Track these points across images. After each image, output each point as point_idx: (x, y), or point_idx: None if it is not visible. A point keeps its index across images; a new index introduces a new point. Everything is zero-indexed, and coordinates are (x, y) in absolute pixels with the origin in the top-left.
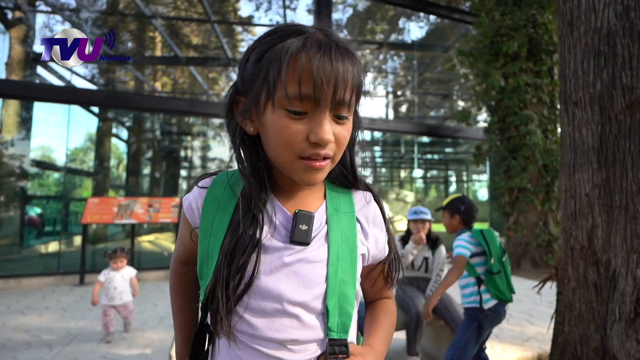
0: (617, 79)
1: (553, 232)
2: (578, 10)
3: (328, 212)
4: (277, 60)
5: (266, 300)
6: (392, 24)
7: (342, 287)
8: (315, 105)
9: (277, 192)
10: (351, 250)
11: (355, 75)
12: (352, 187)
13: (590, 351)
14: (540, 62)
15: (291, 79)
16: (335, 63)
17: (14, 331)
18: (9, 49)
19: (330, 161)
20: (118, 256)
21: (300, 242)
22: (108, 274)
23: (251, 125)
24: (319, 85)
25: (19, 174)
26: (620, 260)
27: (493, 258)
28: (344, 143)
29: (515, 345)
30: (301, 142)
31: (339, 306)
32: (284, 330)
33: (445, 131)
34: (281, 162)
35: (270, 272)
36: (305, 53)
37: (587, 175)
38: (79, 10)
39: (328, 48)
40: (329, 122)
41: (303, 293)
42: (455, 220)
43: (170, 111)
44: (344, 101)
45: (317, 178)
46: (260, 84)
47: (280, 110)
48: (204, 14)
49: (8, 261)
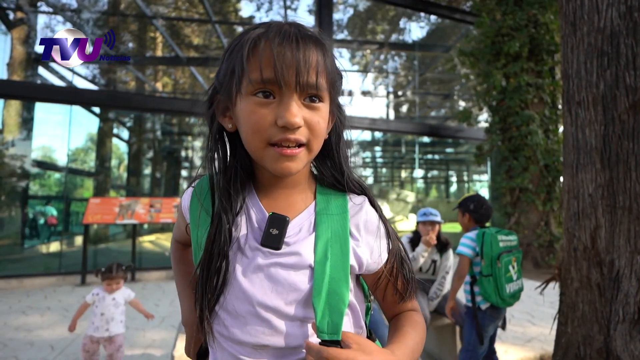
0: (621, 79)
1: (554, 232)
2: (581, 10)
3: (317, 211)
4: (239, 51)
5: (240, 301)
6: (393, 24)
7: (332, 285)
8: (279, 89)
9: (260, 191)
10: (342, 245)
11: (320, 59)
12: (343, 188)
13: (593, 352)
14: (542, 62)
15: (253, 66)
16: (295, 46)
17: (16, 331)
18: (11, 49)
19: (304, 149)
20: (114, 277)
21: (269, 246)
22: (97, 294)
23: (229, 121)
24: (278, 68)
25: (21, 174)
26: (623, 261)
27: (484, 261)
28: (318, 130)
29: (517, 345)
30: (269, 127)
31: (329, 305)
32: (255, 335)
33: (446, 131)
34: (254, 152)
35: (245, 274)
36: (264, 39)
37: (590, 175)
38: (80, 11)
39: (288, 33)
40: (297, 106)
41: (276, 298)
42: (466, 218)
43: (171, 111)
44: (310, 84)
45: (291, 167)
46: (230, 76)
47: (248, 98)
48: (205, 15)
49: (10, 261)
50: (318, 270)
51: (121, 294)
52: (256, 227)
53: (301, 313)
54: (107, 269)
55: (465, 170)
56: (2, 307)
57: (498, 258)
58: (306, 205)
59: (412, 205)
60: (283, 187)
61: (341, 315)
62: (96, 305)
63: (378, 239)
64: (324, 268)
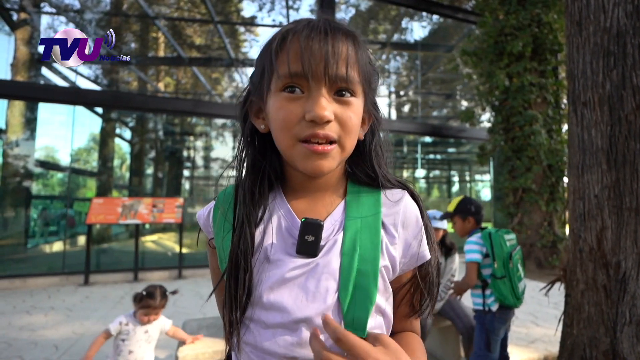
0: (627, 79)
1: (558, 232)
2: (587, 9)
3: (346, 206)
4: (268, 49)
5: (269, 313)
6: (395, 24)
7: (359, 279)
8: (308, 83)
9: (289, 194)
10: (372, 238)
11: (350, 50)
12: (377, 185)
13: (599, 354)
14: (545, 61)
15: (281, 60)
16: (324, 38)
17: (20, 330)
18: (15, 50)
19: (337, 147)
20: (155, 306)
21: (305, 253)
22: (126, 325)
23: (262, 122)
24: (306, 60)
25: (24, 174)
26: (630, 262)
27: (497, 262)
28: (350, 126)
29: (521, 346)
30: (298, 122)
31: (354, 299)
32: (285, 346)
33: (449, 131)
34: (284, 150)
35: (274, 283)
36: (292, 34)
37: (596, 176)
38: (83, 12)
39: (317, 26)
40: (327, 100)
41: (307, 308)
42: (469, 223)
43: (174, 111)
44: (340, 76)
45: (322, 166)
46: (261, 75)
47: (277, 94)
48: (207, 15)
49: (14, 261)
50: (345, 263)
51: (157, 326)
52: (285, 233)
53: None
54: (148, 294)
55: (467, 171)
56: (6, 307)
57: (510, 258)
58: (337, 203)
59: None
60: (314, 189)
61: (367, 313)
62: (122, 338)
63: (417, 238)
64: (352, 261)
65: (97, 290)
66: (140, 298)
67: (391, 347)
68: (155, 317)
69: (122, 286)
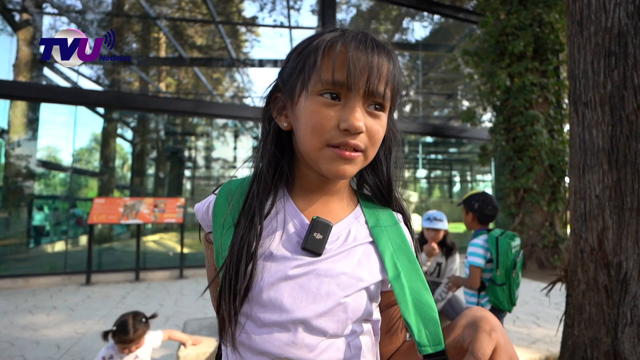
0: (629, 79)
1: (559, 233)
2: (588, 9)
3: (369, 226)
4: (314, 50)
5: (266, 311)
6: (396, 24)
7: (414, 295)
8: (347, 92)
9: (296, 195)
10: (408, 255)
11: (390, 69)
12: (386, 202)
13: (601, 355)
14: (547, 61)
15: (325, 66)
16: (370, 52)
17: (23, 330)
18: (17, 50)
19: (362, 156)
20: (132, 339)
21: (311, 250)
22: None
23: (285, 120)
24: (352, 71)
25: (26, 174)
26: (631, 263)
27: (499, 270)
28: (377, 139)
29: (522, 347)
30: (331, 129)
31: (420, 315)
32: (279, 346)
33: (450, 131)
34: (309, 151)
35: (274, 281)
36: (341, 42)
37: (598, 176)
38: (85, 12)
39: (364, 39)
40: (362, 112)
41: (306, 308)
42: (469, 217)
43: (175, 112)
44: (377, 92)
45: (346, 170)
46: (297, 75)
47: (314, 97)
48: (208, 15)
49: (16, 260)
50: (396, 286)
51: (145, 349)
52: (291, 231)
53: (331, 326)
54: (119, 327)
55: (468, 171)
56: (9, 306)
57: (514, 267)
58: (345, 214)
59: (415, 205)
60: (324, 192)
61: (437, 323)
62: None
63: None
64: (401, 281)
65: (98, 290)
66: (113, 334)
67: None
68: (138, 346)
69: (123, 286)
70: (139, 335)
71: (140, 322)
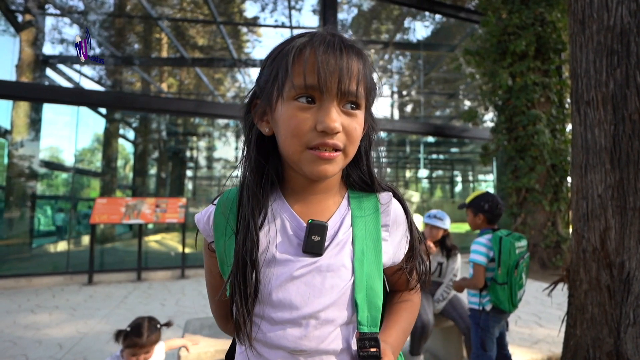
0: (631, 78)
1: (562, 232)
2: (590, 8)
3: (352, 214)
4: (285, 57)
5: (278, 310)
6: (398, 24)
7: (369, 281)
8: (321, 95)
9: (290, 197)
10: (375, 243)
11: (360, 68)
12: (372, 190)
13: (603, 355)
14: (549, 60)
15: (297, 72)
16: (339, 54)
17: (25, 329)
18: (19, 51)
19: (341, 154)
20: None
21: (312, 252)
22: None
23: (266, 125)
24: (322, 74)
25: (29, 175)
26: (634, 262)
27: (501, 269)
28: (355, 136)
29: (524, 347)
30: (309, 132)
31: (367, 300)
32: (293, 340)
33: (451, 131)
34: (290, 155)
35: (281, 282)
36: (310, 47)
37: (600, 176)
38: (87, 13)
39: (332, 42)
40: (337, 112)
41: (314, 303)
42: (479, 219)
43: (177, 112)
44: (350, 91)
45: (327, 170)
46: (272, 82)
47: (289, 103)
48: (210, 15)
49: (19, 260)
50: (357, 268)
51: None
52: (290, 233)
53: (338, 315)
54: (133, 329)
55: (470, 170)
56: (12, 306)
57: (516, 267)
58: (337, 208)
59: (416, 206)
60: (315, 192)
61: (378, 310)
62: None
63: (406, 235)
64: (362, 266)
65: (100, 290)
66: (125, 335)
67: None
68: (147, 356)
69: (125, 286)
70: (152, 341)
71: (155, 327)
